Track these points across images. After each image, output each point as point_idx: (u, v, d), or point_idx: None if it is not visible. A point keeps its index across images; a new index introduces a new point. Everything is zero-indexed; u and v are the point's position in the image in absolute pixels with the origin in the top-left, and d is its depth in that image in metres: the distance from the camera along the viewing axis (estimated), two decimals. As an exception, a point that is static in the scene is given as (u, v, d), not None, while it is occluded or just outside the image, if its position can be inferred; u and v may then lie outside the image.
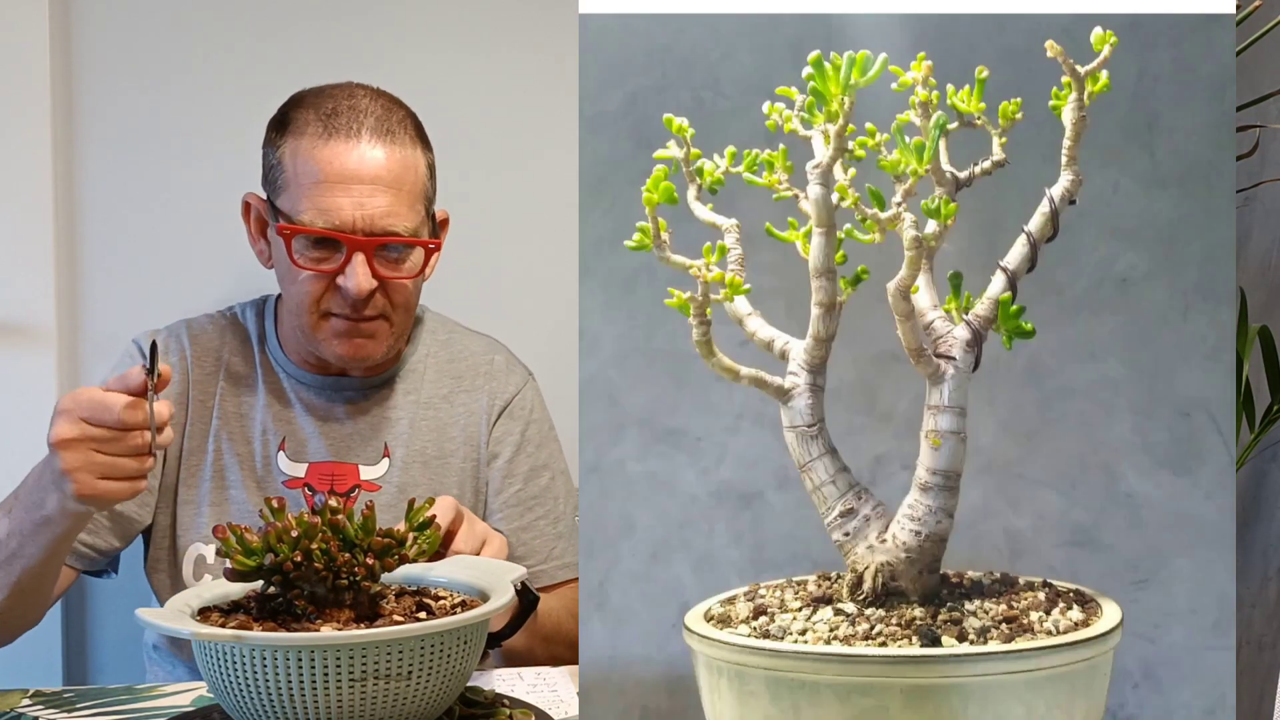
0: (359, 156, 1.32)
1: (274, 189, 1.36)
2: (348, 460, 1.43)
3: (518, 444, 1.47)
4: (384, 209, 1.32)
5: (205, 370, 1.43)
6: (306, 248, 1.33)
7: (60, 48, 1.75)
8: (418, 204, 1.36)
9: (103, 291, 1.80)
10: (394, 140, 1.34)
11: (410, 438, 1.44)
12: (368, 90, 1.39)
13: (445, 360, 1.50)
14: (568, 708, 1.14)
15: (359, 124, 1.33)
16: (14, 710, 1.15)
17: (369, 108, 1.35)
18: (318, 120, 1.33)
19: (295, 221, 1.32)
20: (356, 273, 1.31)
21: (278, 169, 1.35)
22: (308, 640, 0.88)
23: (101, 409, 1.07)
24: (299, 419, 1.43)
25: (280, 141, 1.35)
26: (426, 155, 1.40)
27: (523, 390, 1.51)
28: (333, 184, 1.31)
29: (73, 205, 1.78)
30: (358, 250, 1.31)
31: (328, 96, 1.36)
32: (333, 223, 1.31)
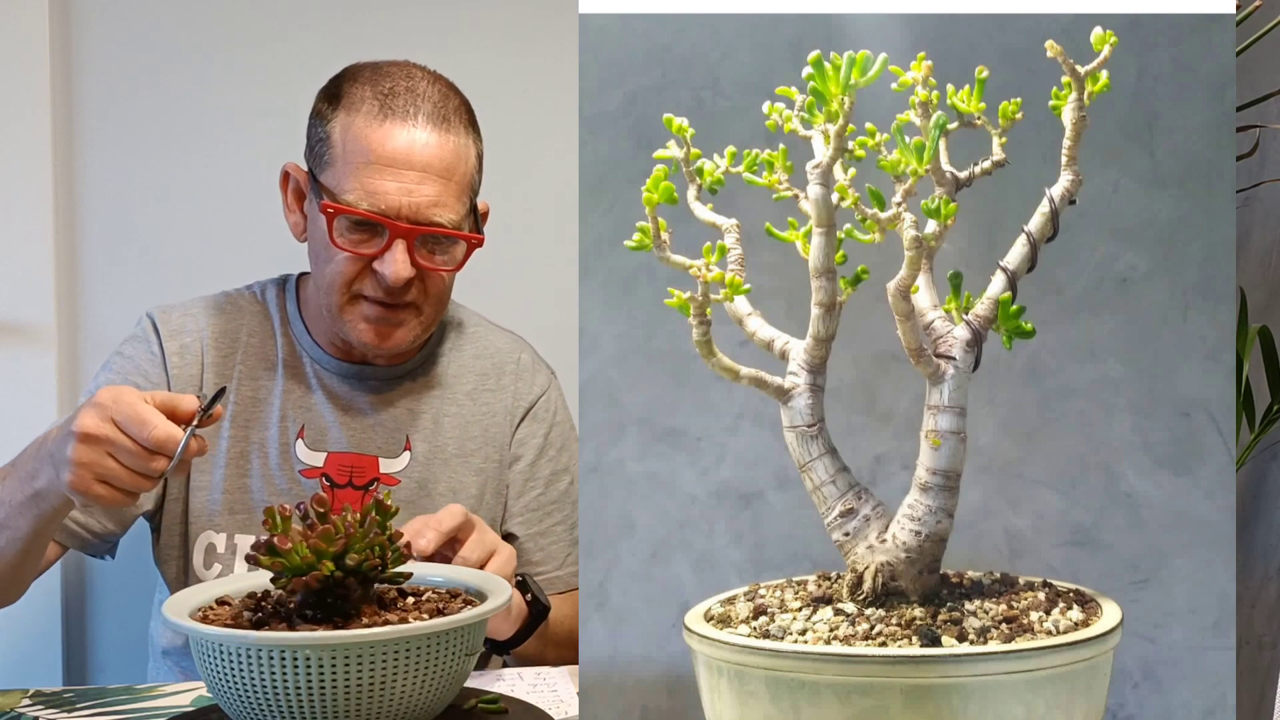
0: (412, 141, 1.28)
1: (319, 163, 1.32)
2: (368, 452, 1.39)
3: (540, 447, 1.46)
4: (431, 198, 1.29)
5: (222, 352, 1.39)
6: (347, 228, 1.29)
7: (60, 48, 1.76)
8: (465, 195, 1.33)
9: (103, 291, 1.80)
10: (449, 128, 1.31)
11: (433, 433, 1.42)
12: (426, 73, 1.35)
13: (471, 356, 1.48)
14: (568, 708, 1.14)
15: (416, 107, 1.30)
16: (14, 710, 1.15)
17: (427, 91, 1.32)
18: (374, 98, 1.30)
19: (339, 200, 1.28)
20: (396, 259, 1.28)
21: (325, 144, 1.31)
22: (305, 640, 0.88)
23: (137, 422, 1.04)
24: (319, 406, 1.39)
25: (331, 115, 1.31)
26: (477, 145, 1.36)
27: (547, 391, 1.49)
28: (383, 166, 1.28)
29: (73, 205, 1.78)
30: (400, 237, 1.28)
31: (385, 74, 1.32)
32: (378, 206, 1.28)
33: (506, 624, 1.25)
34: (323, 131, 1.32)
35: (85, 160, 1.78)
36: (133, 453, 1.05)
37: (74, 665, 1.71)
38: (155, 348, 1.38)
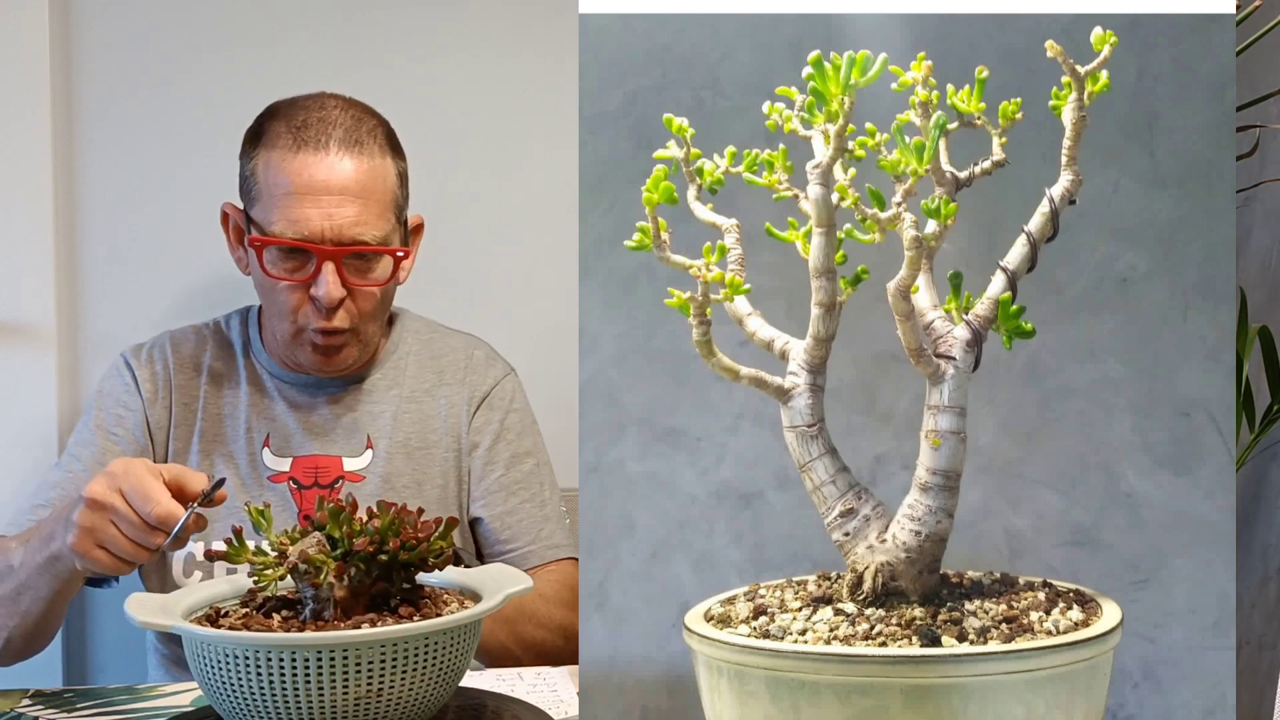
0: (327, 167, 1.35)
1: (249, 200, 1.40)
2: (331, 453, 1.45)
3: (497, 432, 1.50)
4: (352, 218, 1.35)
5: (186, 375, 1.47)
6: (279, 258, 1.37)
7: (60, 48, 1.75)
8: (387, 212, 1.39)
9: (103, 291, 1.80)
10: (362, 150, 1.37)
11: (393, 429, 1.47)
12: (339, 100, 1.42)
13: (428, 356, 1.53)
14: (568, 708, 1.14)
15: (328, 135, 1.36)
16: (14, 710, 1.15)
17: (338, 119, 1.38)
18: (288, 132, 1.37)
19: (267, 232, 1.35)
20: (327, 281, 1.35)
21: (251, 180, 1.39)
22: (302, 640, 0.88)
23: (141, 496, 1.08)
24: (282, 415, 1.46)
25: (254, 153, 1.39)
26: (398, 164, 1.42)
27: (501, 382, 1.53)
28: (301, 195, 1.34)
29: (73, 205, 1.78)
30: (327, 259, 1.35)
31: (299, 108, 1.39)
32: (302, 233, 1.34)
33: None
34: (248, 169, 1.40)
35: (85, 160, 1.78)
36: (134, 524, 1.09)
37: (74, 665, 1.70)
38: (129, 379, 1.47)
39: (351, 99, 1.43)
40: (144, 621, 0.92)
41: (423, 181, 1.88)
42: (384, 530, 0.96)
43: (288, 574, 0.96)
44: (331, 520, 0.97)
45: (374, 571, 0.97)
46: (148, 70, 1.79)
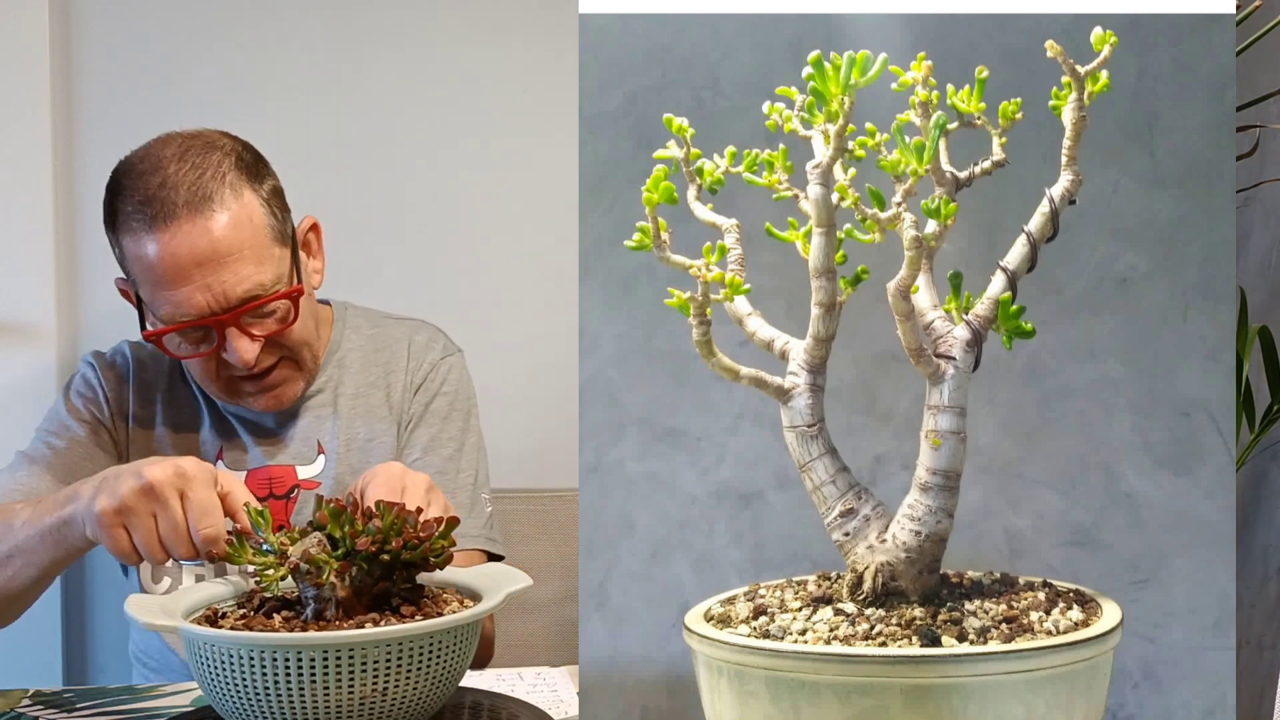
0: (185, 240, 1.26)
1: (129, 277, 1.34)
2: (284, 463, 1.44)
3: (421, 415, 1.48)
4: (233, 280, 1.28)
5: (144, 382, 1.45)
6: (179, 339, 1.32)
7: (60, 48, 1.75)
8: (266, 252, 1.31)
9: (103, 291, 1.80)
10: (214, 203, 1.28)
11: (344, 430, 1.45)
12: (174, 149, 1.30)
13: (370, 350, 1.50)
14: (568, 708, 1.14)
15: (173, 204, 1.26)
16: (14, 710, 1.15)
17: (176, 178, 1.28)
18: (135, 212, 1.28)
19: (157, 317, 1.30)
20: (236, 348, 1.30)
21: (125, 263, 1.33)
22: (306, 640, 0.88)
23: (201, 510, 1.05)
24: (233, 430, 1.44)
25: (115, 238, 1.32)
26: (259, 190, 1.33)
27: (438, 365, 1.50)
28: (173, 277, 1.27)
29: (73, 205, 1.78)
30: (225, 328, 1.29)
31: (137, 175, 1.29)
32: (190, 313, 1.28)
33: None
34: (118, 252, 1.33)
35: (85, 160, 1.78)
36: (177, 530, 1.05)
37: (74, 665, 1.71)
38: (94, 377, 1.45)
39: (189, 137, 1.32)
40: (145, 622, 0.92)
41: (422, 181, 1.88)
42: (386, 530, 0.96)
43: (289, 574, 0.96)
44: (333, 520, 0.97)
45: (376, 571, 0.97)
46: (148, 70, 1.79)
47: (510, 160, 1.90)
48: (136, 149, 1.34)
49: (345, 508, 0.97)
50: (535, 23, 1.89)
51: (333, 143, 1.83)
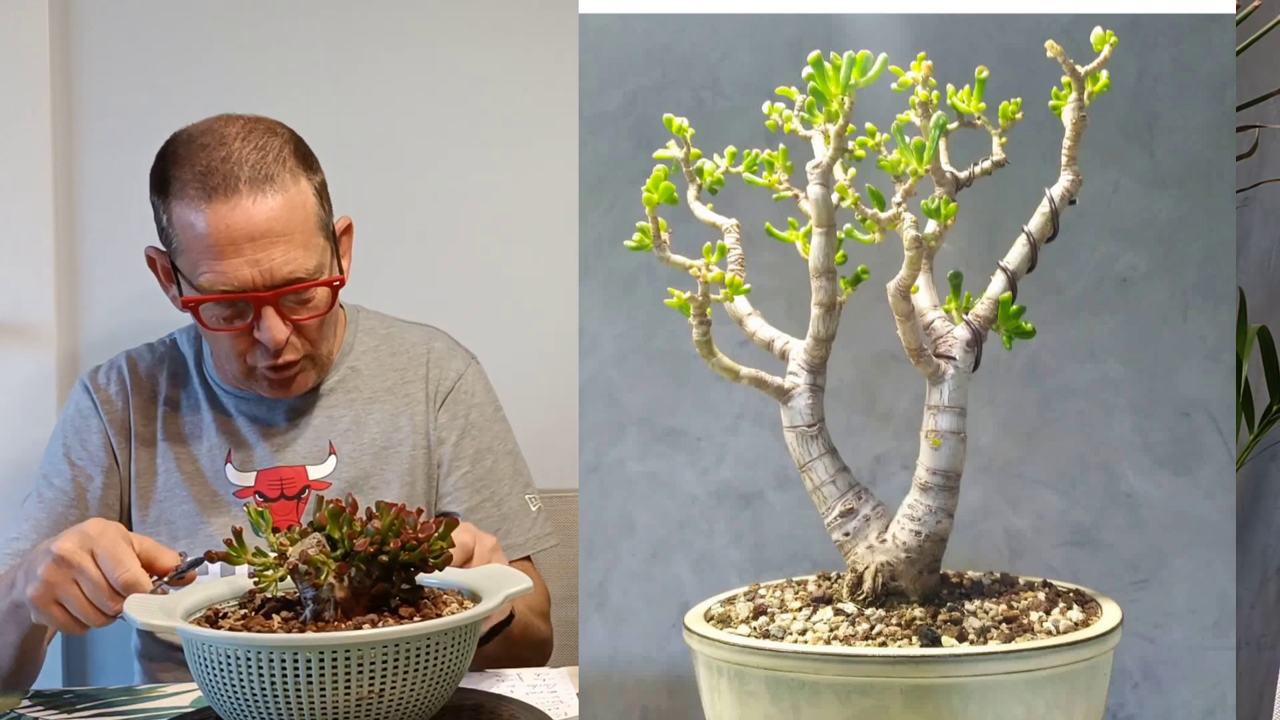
0: (243, 214, 1.28)
1: (170, 248, 1.35)
2: (294, 463, 1.44)
3: (463, 428, 1.48)
4: (280, 260, 1.30)
5: (144, 396, 1.45)
6: (215, 310, 1.33)
7: (60, 48, 1.75)
8: (314, 239, 1.33)
9: (103, 291, 1.80)
10: (274, 185, 1.30)
11: (356, 433, 1.45)
12: (239, 128, 1.33)
13: (386, 354, 1.51)
14: (568, 708, 1.14)
15: (235, 177, 1.29)
16: (14, 711, 1.15)
17: (241, 154, 1.30)
18: (194, 181, 1.30)
19: (196, 286, 1.31)
20: (269, 326, 1.31)
21: (169, 230, 1.33)
22: (304, 641, 0.88)
23: (113, 560, 1.07)
24: (242, 430, 1.44)
25: (164, 204, 1.33)
26: (312, 180, 1.36)
27: (464, 375, 1.51)
28: (223, 247, 1.28)
29: (73, 205, 1.78)
30: (264, 305, 1.31)
31: (199, 147, 1.31)
32: (233, 284, 1.29)
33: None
34: (163, 220, 1.34)
35: (85, 160, 1.78)
36: (98, 587, 1.08)
37: (74, 666, 1.70)
38: (88, 402, 1.45)
39: (251, 120, 1.35)
40: (144, 622, 0.92)
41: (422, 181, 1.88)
42: (385, 531, 0.96)
43: (288, 575, 0.96)
44: (331, 521, 0.97)
45: (374, 572, 0.97)
46: (148, 70, 1.79)
47: (510, 160, 1.90)
48: (195, 123, 1.36)
49: (344, 508, 0.97)
50: (535, 23, 1.89)
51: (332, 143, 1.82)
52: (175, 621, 0.93)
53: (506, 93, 1.89)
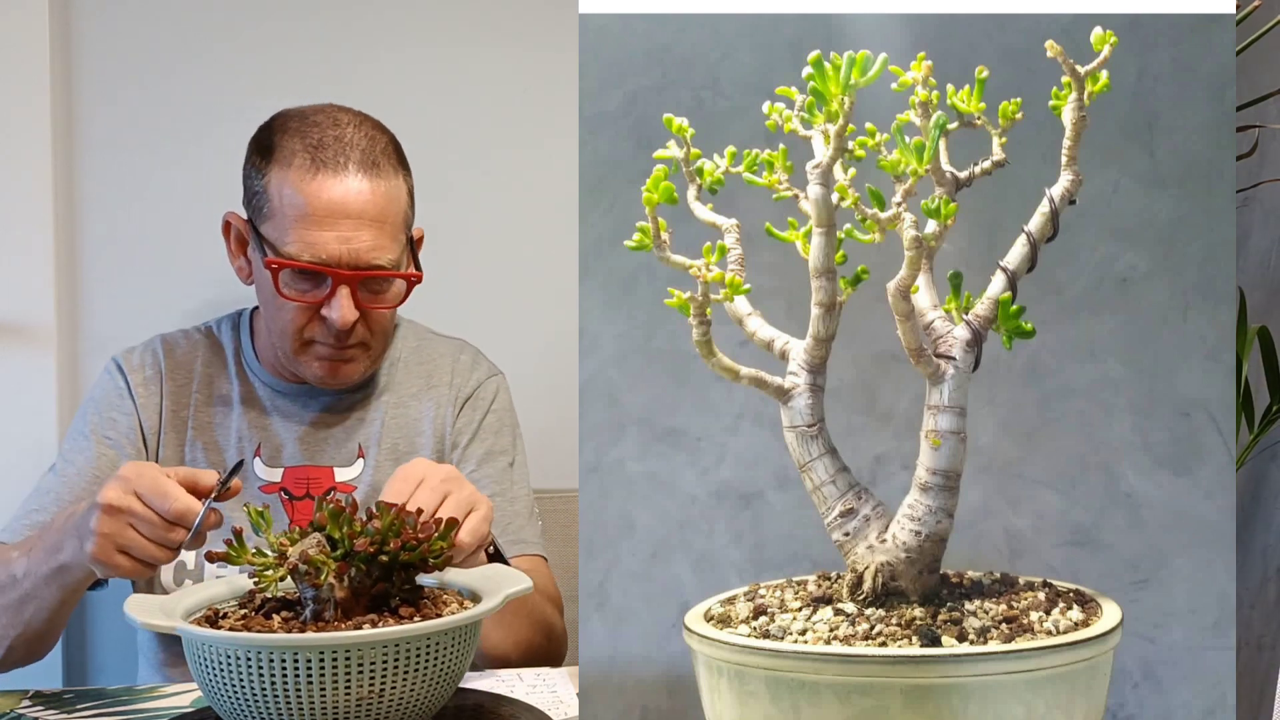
0: (345, 191, 1.32)
1: (258, 214, 1.37)
2: (322, 464, 1.45)
3: (474, 430, 1.50)
4: (369, 243, 1.33)
5: (178, 382, 1.45)
6: (292, 279, 1.35)
7: (60, 48, 1.75)
8: (400, 234, 1.38)
9: (103, 291, 1.80)
10: (379, 173, 1.35)
11: (383, 437, 1.47)
12: (351, 117, 1.38)
13: (416, 363, 1.53)
14: (568, 708, 1.14)
15: (345, 156, 1.33)
16: (14, 711, 1.15)
17: (354, 138, 1.35)
18: (304, 151, 1.33)
19: (281, 253, 1.33)
20: (341, 305, 1.34)
21: (262, 196, 1.36)
22: (304, 641, 0.88)
23: (159, 496, 1.08)
24: (274, 425, 1.45)
25: (266, 168, 1.35)
26: (407, 181, 1.41)
27: (485, 383, 1.53)
28: (320, 218, 1.32)
29: (73, 205, 1.78)
30: (342, 284, 1.33)
31: (313, 124, 1.36)
32: (319, 257, 1.32)
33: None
34: (259, 185, 1.36)
35: (85, 160, 1.78)
36: (153, 524, 1.09)
37: (74, 666, 1.70)
38: (121, 383, 1.45)
39: (362, 114, 1.40)
40: (144, 623, 0.92)
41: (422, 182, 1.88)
42: (385, 531, 0.96)
43: (288, 575, 0.96)
44: (332, 521, 0.97)
45: (374, 572, 0.97)
46: (148, 71, 1.79)
47: (510, 160, 1.90)
48: (305, 105, 1.40)
49: (344, 508, 0.97)
50: (535, 23, 1.89)
51: (332, 143, 1.83)
52: (175, 621, 0.93)
53: (506, 93, 1.89)
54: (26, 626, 1.24)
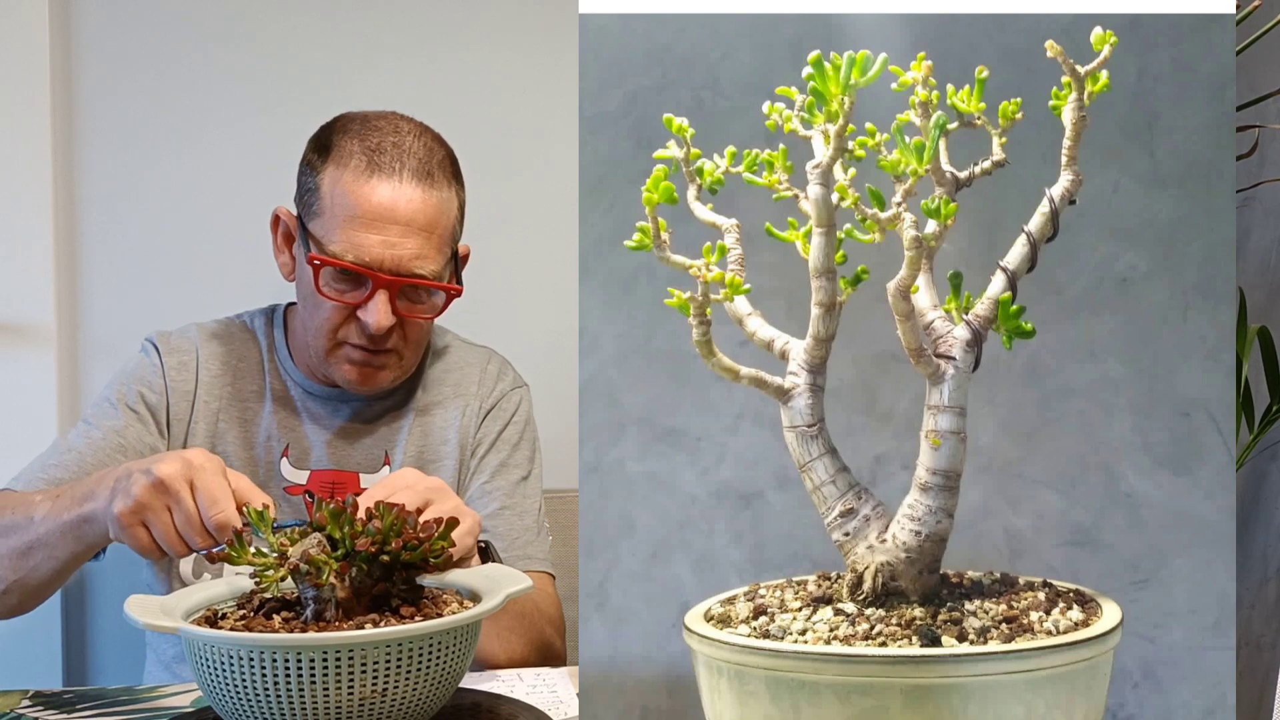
0: (397, 197, 1.33)
1: (308, 211, 1.37)
2: (349, 469, 1.45)
3: (493, 440, 1.50)
4: (414, 251, 1.34)
5: (213, 372, 1.45)
6: (333, 278, 1.35)
7: (60, 48, 1.76)
8: (446, 247, 1.38)
9: (103, 291, 1.80)
10: (433, 183, 1.36)
11: (408, 444, 1.47)
12: (412, 126, 1.39)
13: (443, 370, 1.52)
14: (567, 708, 1.14)
15: (402, 163, 1.34)
16: (14, 711, 1.15)
17: (413, 147, 1.36)
18: (362, 153, 1.34)
19: (325, 250, 1.34)
20: (378, 309, 1.34)
21: (314, 194, 1.36)
22: (305, 641, 0.88)
23: (210, 498, 1.07)
24: (304, 427, 1.45)
25: (321, 166, 1.36)
26: (460, 195, 1.41)
27: (509, 394, 1.53)
28: (369, 221, 1.33)
29: (73, 205, 1.78)
30: (382, 288, 1.34)
31: (373, 128, 1.37)
32: (363, 259, 1.33)
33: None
34: (312, 182, 1.37)
35: (85, 160, 1.78)
36: (189, 520, 1.08)
37: (74, 666, 1.71)
38: (156, 360, 1.44)
39: (424, 125, 1.41)
40: (145, 623, 0.92)
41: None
42: (385, 531, 0.96)
43: (288, 575, 0.96)
44: (332, 521, 0.97)
45: (375, 572, 0.97)
46: (148, 71, 1.79)
47: (510, 160, 1.90)
48: (368, 109, 1.41)
49: (345, 508, 0.97)
50: (535, 23, 1.89)
51: (333, 143, 1.83)
52: (176, 621, 0.93)
53: (506, 93, 1.89)
54: (31, 573, 1.21)
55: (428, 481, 1.17)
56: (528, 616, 1.35)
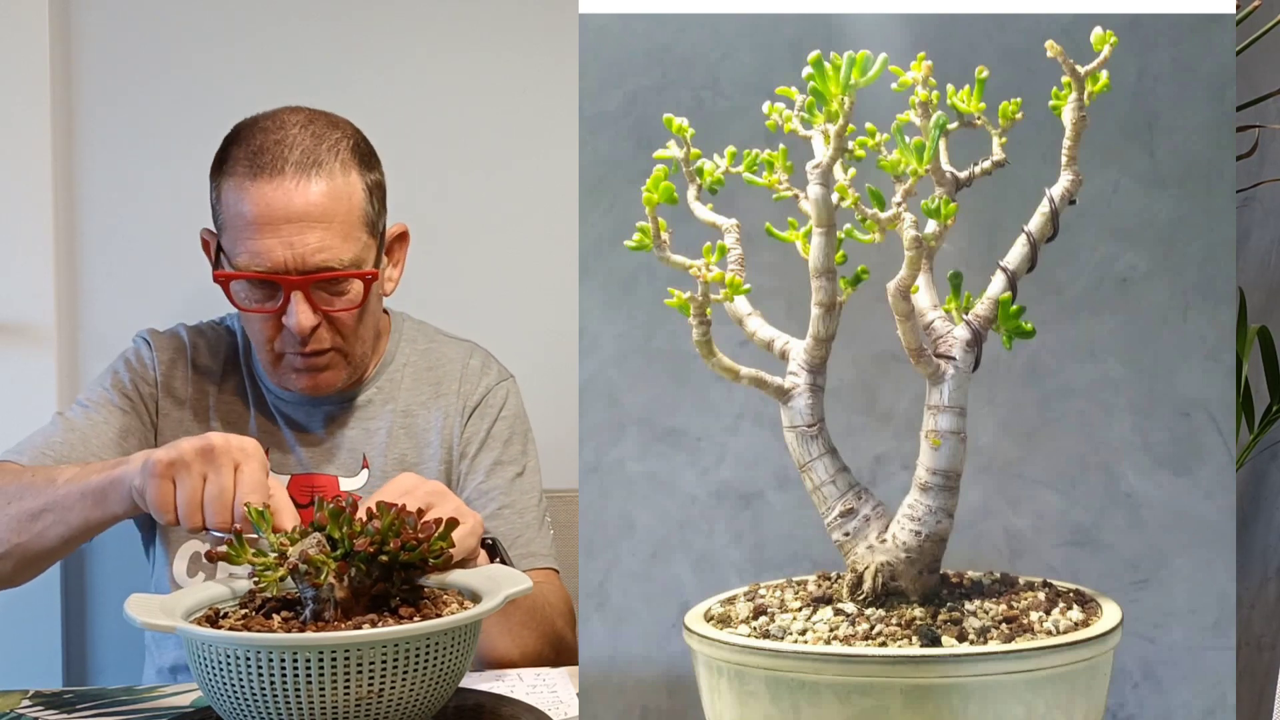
0: (284, 194, 1.30)
1: (218, 227, 1.37)
2: (327, 472, 1.44)
3: (483, 439, 1.48)
4: (315, 245, 1.31)
5: (200, 371, 1.45)
6: (248, 290, 1.34)
7: (60, 48, 1.76)
8: (354, 232, 1.34)
9: (103, 291, 1.80)
10: (321, 172, 1.32)
11: (388, 446, 1.45)
12: (300, 117, 1.36)
13: (424, 368, 1.50)
14: (567, 708, 1.14)
15: (283, 159, 1.31)
16: (14, 711, 1.15)
17: (296, 139, 1.33)
18: (245, 159, 1.32)
19: (233, 264, 1.33)
20: (296, 311, 1.32)
21: (217, 208, 1.36)
22: (304, 641, 0.88)
23: (248, 486, 1.08)
24: (281, 432, 1.45)
25: (217, 181, 1.35)
26: (366, 177, 1.37)
27: (494, 388, 1.51)
28: (261, 225, 1.30)
29: (73, 205, 1.78)
30: (294, 289, 1.31)
31: (258, 130, 1.34)
32: (265, 265, 1.31)
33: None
34: (213, 197, 1.36)
35: (85, 160, 1.78)
36: (222, 493, 1.09)
37: (74, 666, 1.71)
38: (148, 356, 1.45)
39: (315, 113, 1.38)
40: (145, 622, 0.92)
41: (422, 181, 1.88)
42: (384, 531, 0.96)
43: (288, 575, 0.96)
44: (332, 521, 0.97)
45: (374, 572, 0.97)
46: (148, 71, 1.79)
47: (510, 160, 1.90)
48: (264, 111, 1.38)
49: (344, 508, 0.97)
50: (535, 23, 1.89)
51: (333, 143, 1.83)
52: (175, 621, 0.93)
53: (506, 93, 1.89)
54: (37, 538, 1.20)
55: (428, 485, 1.17)
56: (538, 611, 1.34)
